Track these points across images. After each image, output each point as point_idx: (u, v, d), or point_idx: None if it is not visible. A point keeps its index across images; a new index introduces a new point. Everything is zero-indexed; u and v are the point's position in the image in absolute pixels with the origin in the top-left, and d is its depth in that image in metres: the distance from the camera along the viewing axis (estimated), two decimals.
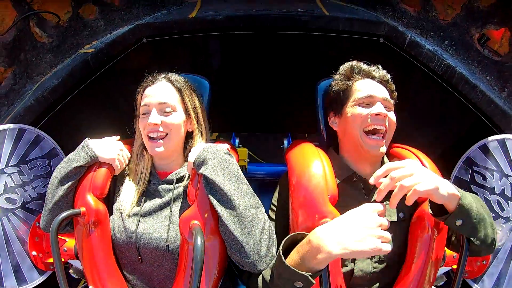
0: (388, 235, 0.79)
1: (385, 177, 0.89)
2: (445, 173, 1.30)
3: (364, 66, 1.18)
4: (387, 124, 1.10)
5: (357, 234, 0.79)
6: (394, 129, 1.14)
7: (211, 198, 0.99)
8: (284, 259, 0.81)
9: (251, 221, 0.97)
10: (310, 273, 0.80)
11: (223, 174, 1.00)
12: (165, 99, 1.14)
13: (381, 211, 0.83)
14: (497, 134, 1.60)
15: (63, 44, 1.74)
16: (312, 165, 1.08)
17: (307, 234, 0.89)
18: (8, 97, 1.63)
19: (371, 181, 0.92)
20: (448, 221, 0.93)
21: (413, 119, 1.05)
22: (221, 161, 1.02)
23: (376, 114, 1.09)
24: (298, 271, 0.80)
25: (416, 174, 0.87)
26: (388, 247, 0.78)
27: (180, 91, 1.17)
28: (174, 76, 1.20)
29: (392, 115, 1.13)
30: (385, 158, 1.20)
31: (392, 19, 1.75)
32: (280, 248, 0.88)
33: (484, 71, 1.69)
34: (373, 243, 0.78)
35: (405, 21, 1.76)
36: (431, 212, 0.97)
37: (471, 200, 0.93)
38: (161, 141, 1.12)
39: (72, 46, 1.74)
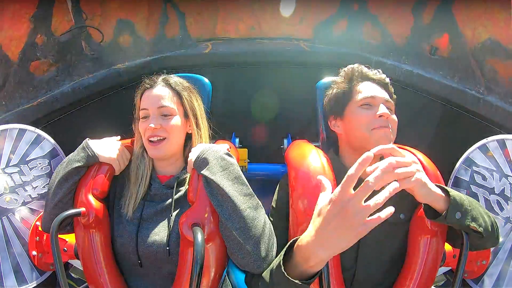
0: (376, 204, 0.65)
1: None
2: (445, 173, 1.31)
3: (365, 69, 1.21)
4: (389, 124, 1.12)
5: (342, 231, 0.68)
6: (396, 129, 1.15)
7: (211, 198, 0.99)
8: (283, 269, 0.80)
9: (251, 222, 0.97)
10: (307, 280, 0.79)
11: (223, 174, 1.00)
12: (163, 103, 1.13)
13: (350, 182, 0.68)
14: (459, 111, 2.01)
15: (101, 58, 2.19)
16: (312, 166, 1.08)
17: None
18: (49, 84, 2.01)
19: (374, 151, 0.89)
20: (448, 217, 0.94)
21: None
22: (221, 162, 1.02)
23: (380, 116, 1.10)
24: (294, 280, 0.77)
25: (414, 170, 0.92)
26: (382, 215, 0.65)
27: (178, 94, 1.17)
28: (172, 79, 1.20)
29: (394, 117, 1.15)
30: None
31: (359, 51, 2.31)
32: (281, 257, 0.86)
33: (436, 69, 2.15)
34: (358, 233, 0.67)
35: (370, 50, 2.30)
36: (428, 218, 0.99)
37: (456, 192, 0.99)
38: (161, 144, 1.12)
39: (107, 62, 2.19)
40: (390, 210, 0.65)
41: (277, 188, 1.22)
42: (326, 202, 0.71)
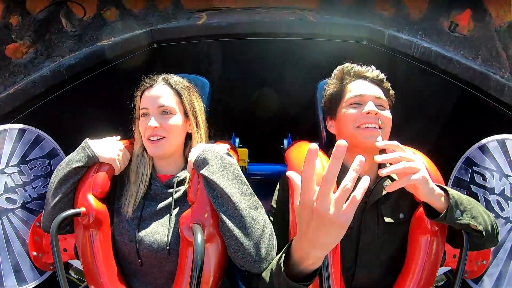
0: (343, 189, 0.65)
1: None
2: (445, 173, 1.31)
3: (356, 68, 1.20)
4: (379, 121, 1.11)
5: (325, 229, 0.66)
6: (390, 125, 1.14)
7: (211, 198, 0.99)
8: (283, 271, 0.80)
9: (251, 222, 0.97)
10: (309, 275, 0.79)
11: (223, 174, 1.00)
12: (163, 102, 1.14)
13: (305, 183, 0.66)
14: (481, 96, 1.78)
15: (84, 35, 1.97)
16: None
17: None
18: (26, 67, 1.84)
19: (380, 145, 1.03)
20: (448, 217, 0.94)
21: (404, 109, 1.13)
22: (221, 162, 1.02)
23: (367, 113, 1.09)
24: (295, 283, 0.77)
25: (419, 167, 0.96)
26: (358, 196, 0.64)
27: (178, 94, 1.17)
28: (172, 78, 1.20)
29: (386, 113, 1.14)
30: None
31: (371, 23, 2.04)
32: (281, 257, 0.85)
33: (457, 48, 1.90)
34: (342, 225, 0.65)
35: (382, 23, 2.03)
36: (428, 218, 0.99)
37: (455, 191, 1.00)
38: (160, 142, 1.12)
39: (91, 38, 1.98)
40: (366, 179, 0.64)
41: (277, 188, 1.22)
42: (299, 204, 0.70)
